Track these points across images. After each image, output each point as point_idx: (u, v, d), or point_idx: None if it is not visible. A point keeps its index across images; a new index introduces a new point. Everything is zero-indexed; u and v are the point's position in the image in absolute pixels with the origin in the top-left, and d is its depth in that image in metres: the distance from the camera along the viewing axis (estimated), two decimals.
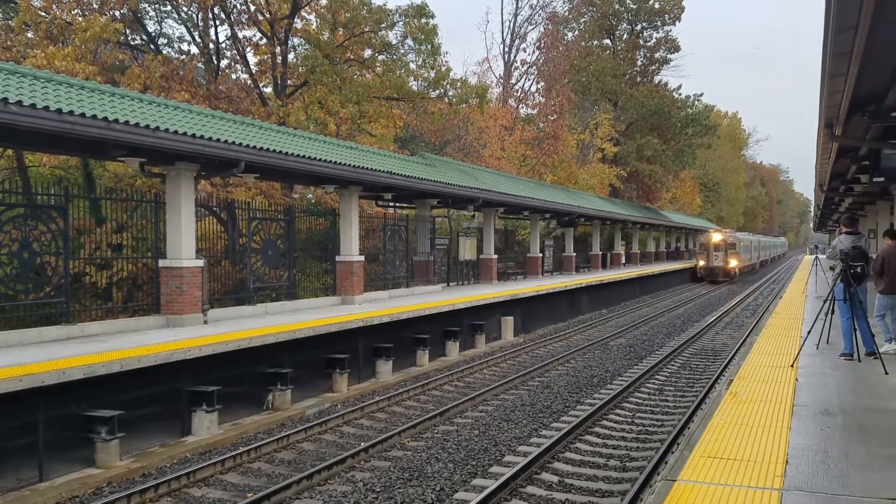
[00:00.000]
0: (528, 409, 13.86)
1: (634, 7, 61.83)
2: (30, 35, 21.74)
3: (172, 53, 26.96)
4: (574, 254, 39.85)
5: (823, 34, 7.46)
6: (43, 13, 21.77)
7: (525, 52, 54.39)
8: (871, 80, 8.86)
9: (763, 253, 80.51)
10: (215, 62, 26.66)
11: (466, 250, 28.33)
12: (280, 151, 15.56)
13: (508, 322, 24.04)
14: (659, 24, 63.29)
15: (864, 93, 9.65)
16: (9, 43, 21.54)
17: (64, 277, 12.98)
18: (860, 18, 6.33)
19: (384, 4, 28.25)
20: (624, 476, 9.97)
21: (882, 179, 12.33)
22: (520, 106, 49.77)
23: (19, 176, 21.29)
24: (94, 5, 22.63)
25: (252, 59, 28.03)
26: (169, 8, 26.91)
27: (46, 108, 10.86)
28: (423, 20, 28.65)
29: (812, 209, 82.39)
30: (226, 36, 27.65)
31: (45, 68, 16.68)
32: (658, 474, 9.02)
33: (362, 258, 20.43)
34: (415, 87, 31.01)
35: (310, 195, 30.37)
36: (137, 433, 11.01)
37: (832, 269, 12.27)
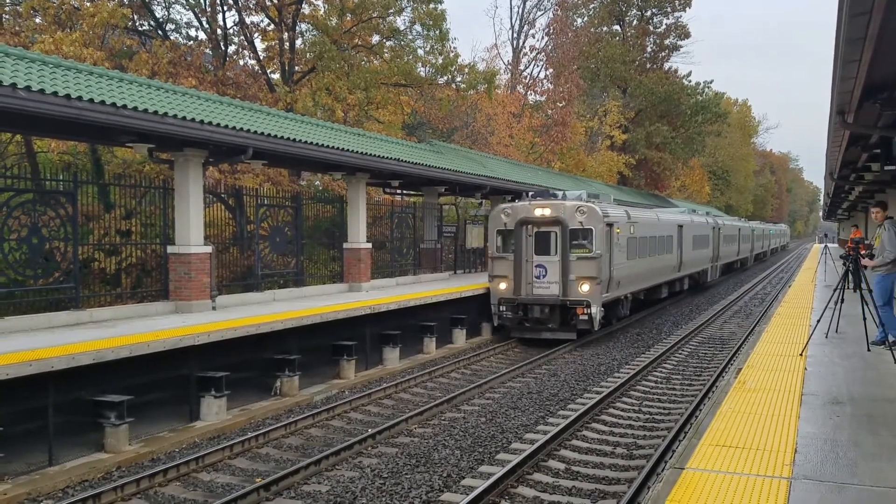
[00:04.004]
0: (534, 397, 13.86)
1: None
2: (38, 20, 21.71)
3: (180, 39, 26.92)
4: None
5: (837, 19, 7.37)
6: None
7: (534, 38, 53.97)
8: (885, 66, 8.75)
9: (728, 249, 43.54)
10: (223, 48, 26.60)
11: (474, 238, 28.28)
12: (288, 138, 15.53)
13: None
14: (669, 10, 62.77)
15: (877, 80, 9.54)
16: (17, 28, 21.51)
17: (73, 263, 13.02)
18: (874, 3, 6.24)
19: None
20: (630, 464, 9.98)
21: (894, 168, 12.22)
22: (528, 93, 49.52)
23: (28, 162, 21.33)
24: None
25: (260, 44, 27.98)
26: None
27: (55, 93, 10.85)
28: (432, 5, 28.51)
29: (822, 198, 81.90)
30: (233, 22, 27.70)
31: (53, 54, 16.66)
32: (665, 463, 9.02)
33: (370, 245, 20.42)
34: (423, 74, 30.89)
35: (317, 182, 30.35)
36: (146, 418, 11.06)
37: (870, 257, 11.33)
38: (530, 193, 20.74)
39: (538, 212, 19.59)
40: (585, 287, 18.99)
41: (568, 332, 19.33)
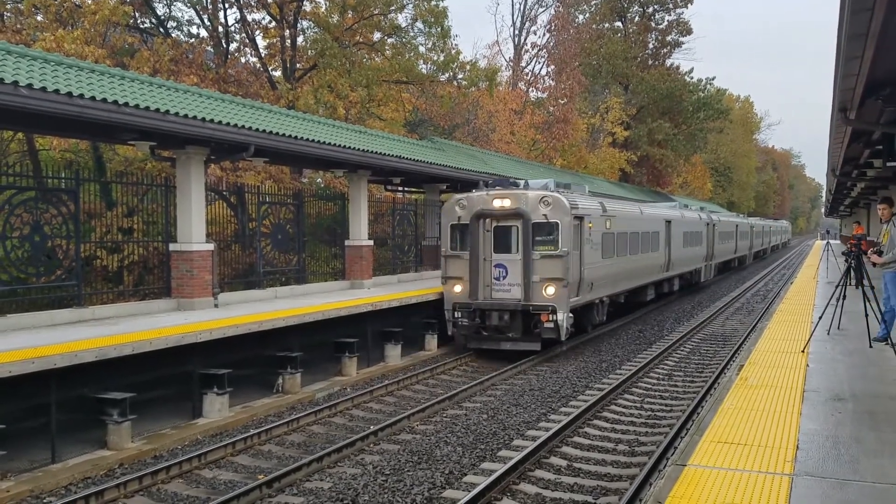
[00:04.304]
0: (536, 394, 13.87)
1: None
2: (39, 18, 21.72)
3: (182, 37, 26.90)
4: None
5: (839, 16, 7.37)
6: None
7: (535, 34, 53.99)
8: (887, 63, 8.75)
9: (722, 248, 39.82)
10: (224, 45, 26.60)
11: None
12: (289, 135, 15.54)
13: None
14: (670, 6, 62.68)
15: (879, 76, 9.54)
16: (18, 26, 21.52)
17: (75, 261, 13.04)
18: (876, 0, 6.25)
19: None
20: (633, 461, 9.98)
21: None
22: (530, 89, 49.46)
23: (30, 159, 21.34)
24: None
25: (261, 42, 27.97)
26: None
27: (56, 91, 10.86)
28: (433, 2, 28.47)
29: (824, 194, 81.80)
30: (235, 19, 27.61)
31: (54, 51, 16.67)
32: (667, 459, 9.03)
33: (371, 243, 20.43)
34: (424, 71, 30.85)
35: (319, 179, 30.36)
36: (149, 415, 11.08)
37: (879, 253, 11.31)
38: (489, 182, 18.17)
39: (497, 203, 16.94)
40: (550, 290, 16.44)
41: (531, 342, 16.77)
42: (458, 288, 17.32)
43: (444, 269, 17.83)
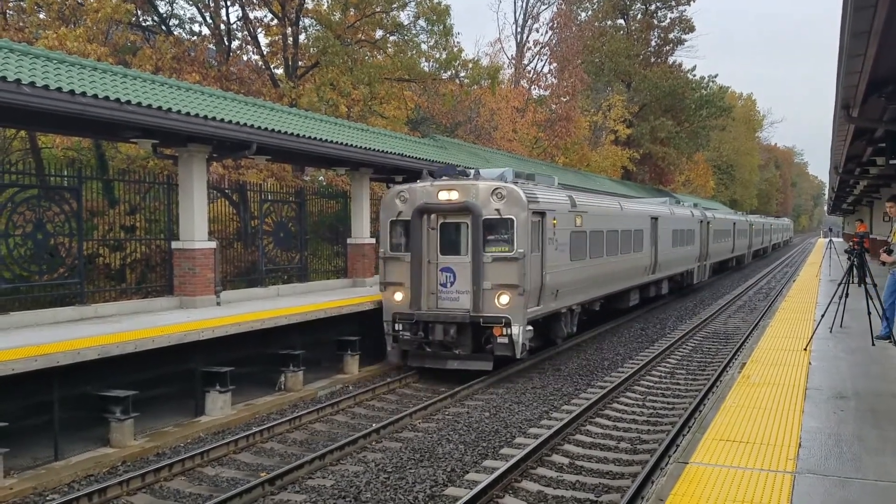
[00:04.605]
0: (538, 392, 13.88)
1: None
2: (42, 16, 21.73)
3: (184, 34, 26.87)
4: None
5: (842, 13, 7.35)
6: None
7: (538, 32, 53.71)
8: (890, 60, 8.74)
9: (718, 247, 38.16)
10: (226, 43, 26.59)
11: None
12: (292, 133, 15.54)
13: None
14: (673, 3, 62.61)
15: (882, 74, 9.52)
16: (21, 24, 21.54)
17: (77, 259, 13.06)
18: None
19: None
20: (635, 458, 9.98)
21: None
22: (532, 87, 49.40)
23: (32, 157, 21.36)
24: None
25: (263, 40, 27.93)
26: None
27: (59, 89, 10.86)
28: (435, 0, 28.43)
29: (826, 192, 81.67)
30: (237, 17, 27.55)
31: (57, 49, 16.67)
32: (669, 457, 9.03)
33: (374, 241, 20.43)
34: (426, 69, 30.83)
35: (321, 178, 30.36)
36: (151, 413, 11.10)
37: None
38: (434, 172, 15.70)
39: (443, 195, 14.61)
40: (504, 299, 14.15)
41: (481, 360, 14.48)
42: (398, 296, 15.01)
43: (382, 273, 15.53)
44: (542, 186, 16.59)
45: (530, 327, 14.67)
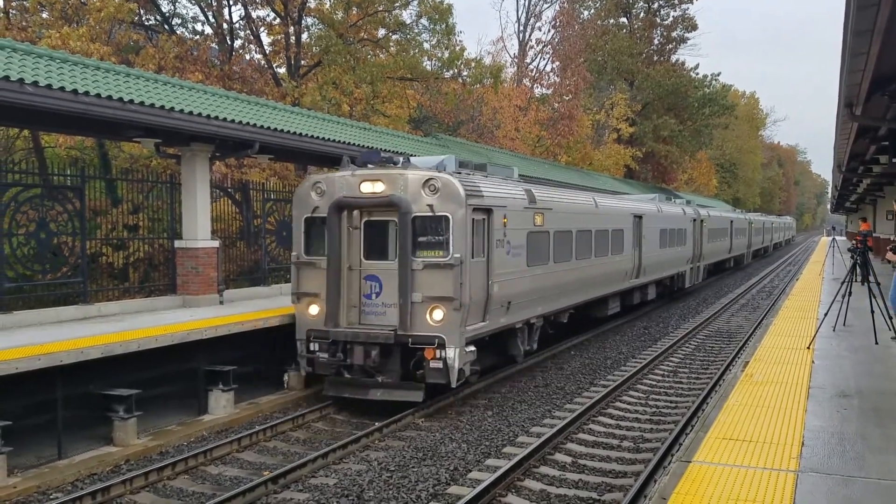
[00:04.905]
0: (541, 391, 13.87)
1: None
2: (45, 15, 21.76)
3: (186, 34, 26.91)
4: None
5: (845, 12, 7.35)
6: None
7: (540, 30, 53.62)
8: (893, 58, 8.72)
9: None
10: (229, 42, 26.60)
11: None
12: (294, 132, 15.56)
13: None
14: (676, 2, 62.50)
15: (885, 72, 9.51)
16: (24, 23, 21.57)
17: (81, 258, 13.08)
18: None
19: None
20: (637, 457, 9.98)
21: None
22: (534, 86, 49.35)
23: (36, 157, 21.39)
24: None
25: (266, 39, 27.94)
26: None
27: (62, 88, 10.88)
28: None
29: (829, 190, 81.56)
30: (239, 16, 27.54)
31: (59, 49, 16.69)
32: (672, 456, 9.03)
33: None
34: (429, 68, 30.83)
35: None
36: (154, 412, 11.11)
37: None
38: (355, 159, 12.97)
39: (366, 187, 12.12)
40: (437, 314, 11.67)
41: (410, 390, 11.92)
42: (313, 309, 12.45)
43: (295, 281, 12.89)
44: (496, 179, 14.10)
45: (472, 347, 12.15)
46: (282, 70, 28.13)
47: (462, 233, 11.78)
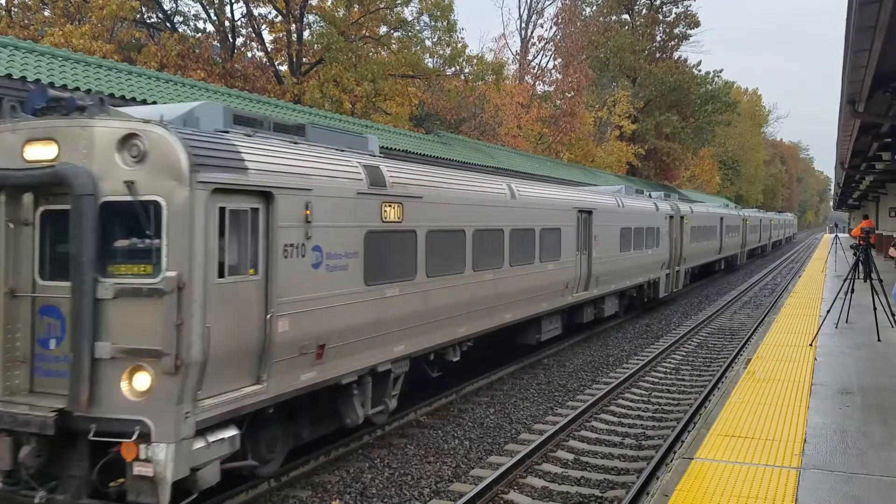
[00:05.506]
0: (543, 388, 13.88)
1: None
2: (47, 13, 21.82)
3: (188, 31, 26.99)
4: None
5: (847, 8, 7.34)
6: None
7: (542, 27, 53.66)
8: (895, 55, 8.71)
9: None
10: (231, 40, 26.66)
11: None
12: None
13: None
14: None
15: (888, 69, 9.50)
16: (26, 21, 21.62)
17: None
18: None
19: None
20: (639, 454, 9.99)
21: None
22: (536, 83, 49.38)
23: None
24: None
25: (267, 36, 28.02)
26: None
27: (64, 86, 10.90)
28: None
29: (832, 187, 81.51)
30: (241, 14, 27.61)
31: (62, 47, 16.72)
32: (674, 453, 9.04)
33: None
34: (430, 65, 30.85)
35: None
36: None
37: None
38: (23, 102, 7.43)
39: (32, 152, 6.95)
40: (142, 381, 6.64)
41: None
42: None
43: None
44: (310, 147, 8.75)
45: (225, 434, 7.17)
46: (283, 68, 28.19)
47: (186, 232, 6.63)
